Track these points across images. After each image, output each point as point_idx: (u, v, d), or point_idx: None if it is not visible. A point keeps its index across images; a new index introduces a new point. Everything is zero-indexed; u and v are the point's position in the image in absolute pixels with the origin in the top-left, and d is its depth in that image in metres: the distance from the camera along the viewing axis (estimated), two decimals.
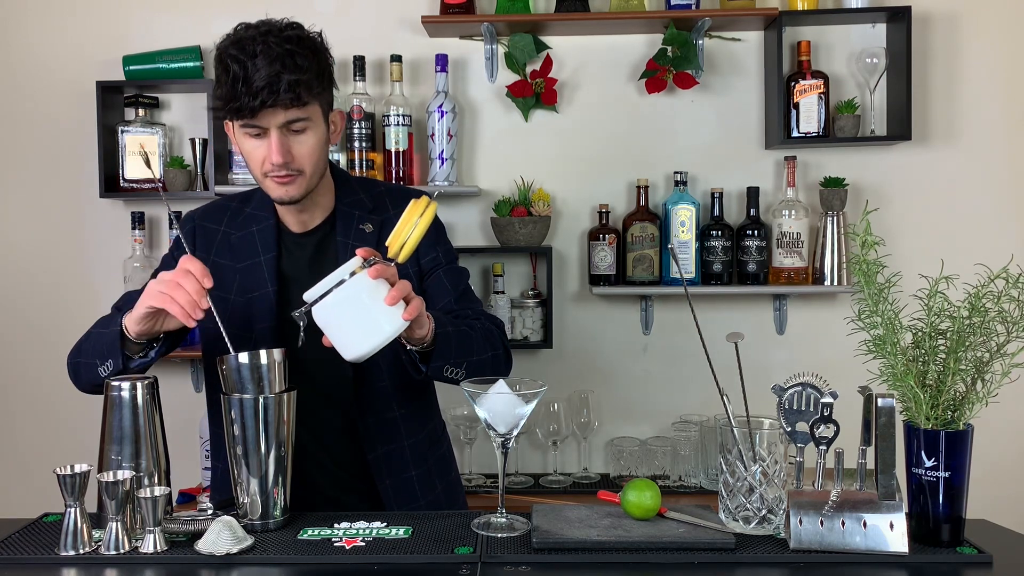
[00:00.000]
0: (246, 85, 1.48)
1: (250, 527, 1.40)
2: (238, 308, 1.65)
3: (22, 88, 2.80)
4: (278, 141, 1.54)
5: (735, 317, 2.77)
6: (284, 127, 1.54)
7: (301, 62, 1.51)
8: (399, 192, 1.77)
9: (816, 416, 1.37)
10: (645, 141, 2.78)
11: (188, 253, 1.54)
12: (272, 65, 1.48)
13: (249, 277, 1.66)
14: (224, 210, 1.74)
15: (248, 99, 1.49)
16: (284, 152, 1.54)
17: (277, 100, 1.49)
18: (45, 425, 2.84)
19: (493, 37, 2.71)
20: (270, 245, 1.67)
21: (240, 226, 1.70)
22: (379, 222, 1.69)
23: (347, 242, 1.66)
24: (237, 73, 1.49)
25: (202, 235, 1.71)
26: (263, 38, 1.51)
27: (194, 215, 1.76)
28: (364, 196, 1.72)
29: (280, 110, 1.51)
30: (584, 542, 1.32)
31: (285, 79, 1.49)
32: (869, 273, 1.35)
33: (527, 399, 1.40)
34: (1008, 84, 2.74)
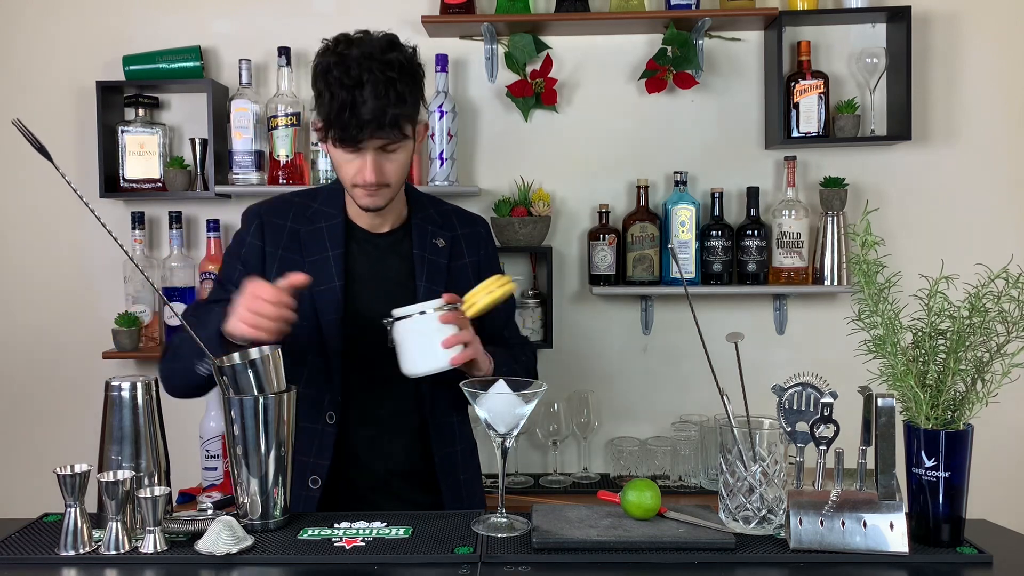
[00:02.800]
0: (353, 116, 1.55)
1: (250, 527, 1.40)
2: (305, 301, 1.69)
3: (22, 88, 2.80)
4: (373, 162, 1.61)
5: (735, 317, 2.77)
6: (380, 149, 1.61)
7: (403, 90, 1.57)
8: (464, 213, 1.89)
9: (816, 416, 1.37)
10: (645, 141, 2.78)
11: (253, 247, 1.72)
12: (379, 99, 1.54)
13: (317, 271, 1.70)
14: (289, 205, 1.79)
15: (355, 131, 1.56)
16: (379, 171, 1.62)
17: (381, 133, 1.57)
18: (45, 425, 2.84)
19: (493, 37, 2.71)
20: (339, 241, 1.73)
21: (308, 222, 1.76)
22: (450, 238, 1.80)
23: (423, 255, 1.77)
24: (344, 101, 1.55)
25: (270, 229, 1.76)
26: (367, 63, 1.56)
27: (260, 210, 1.79)
28: (433, 212, 1.83)
29: (380, 137, 1.58)
30: (584, 542, 1.32)
31: (390, 113, 1.56)
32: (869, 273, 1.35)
33: (527, 399, 1.40)
34: (1008, 84, 2.74)
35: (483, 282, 1.63)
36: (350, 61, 1.56)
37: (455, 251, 1.80)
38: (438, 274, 1.76)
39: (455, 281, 1.77)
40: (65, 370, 2.84)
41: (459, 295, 1.66)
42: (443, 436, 1.79)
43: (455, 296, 1.61)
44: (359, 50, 1.58)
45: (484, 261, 1.84)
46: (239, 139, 2.66)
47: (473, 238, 1.84)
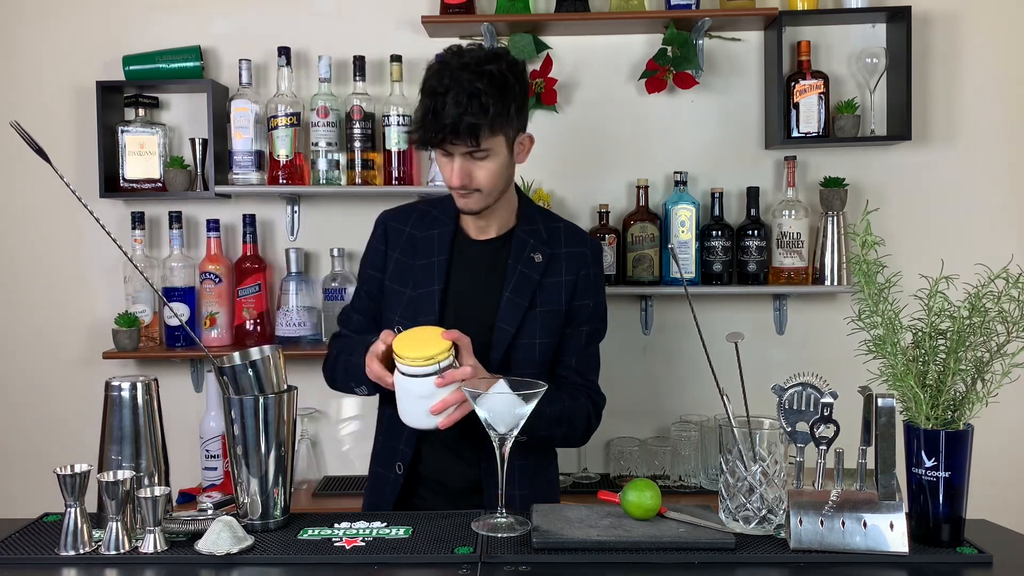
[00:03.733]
0: (435, 120, 1.64)
1: (250, 527, 1.40)
2: (408, 301, 1.81)
3: (22, 88, 2.80)
4: (460, 166, 1.69)
5: (735, 317, 2.77)
6: (467, 154, 1.68)
7: (486, 102, 1.63)
8: (577, 231, 1.91)
9: (816, 416, 1.37)
10: (645, 141, 2.78)
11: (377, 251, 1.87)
12: (458, 107, 1.62)
13: (423, 274, 1.81)
14: (412, 211, 1.90)
15: (432, 134, 1.65)
16: (464, 176, 1.69)
17: (456, 139, 1.64)
18: (45, 425, 2.84)
19: (493, 37, 2.71)
20: (445, 248, 1.83)
21: (424, 227, 1.86)
22: (549, 254, 1.83)
23: (516, 266, 1.81)
24: (428, 106, 1.65)
25: (392, 234, 1.88)
26: (459, 72, 1.64)
27: (386, 216, 1.92)
28: (542, 226, 1.86)
29: (463, 142, 1.65)
30: (584, 542, 1.32)
31: (466, 121, 1.62)
32: (869, 273, 1.35)
33: (527, 399, 1.40)
34: (1008, 84, 2.74)
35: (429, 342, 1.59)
36: (445, 70, 1.66)
37: (552, 268, 1.81)
38: (526, 287, 1.79)
39: (545, 296, 1.80)
40: (65, 370, 2.84)
41: (548, 311, 1.79)
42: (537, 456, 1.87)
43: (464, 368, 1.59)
44: (459, 60, 1.66)
45: (582, 282, 1.84)
46: (239, 139, 2.66)
47: (576, 257, 1.84)
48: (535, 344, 1.79)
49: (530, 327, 1.78)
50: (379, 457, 1.88)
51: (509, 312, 1.77)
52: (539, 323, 1.79)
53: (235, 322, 2.72)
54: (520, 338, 1.77)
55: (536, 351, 1.79)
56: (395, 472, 1.81)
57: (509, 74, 1.68)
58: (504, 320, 1.77)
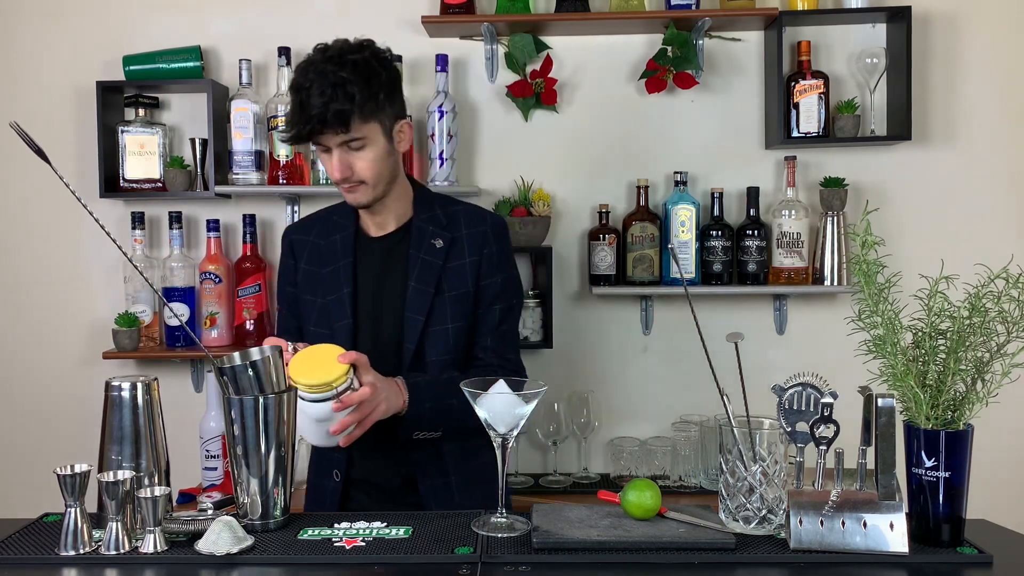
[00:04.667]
0: (302, 113, 1.67)
1: (250, 527, 1.40)
2: (321, 309, 1.82)
3: (22, 88, 2.80)
4: (338, 158, 1.71)
5: (735, 317, 2.77)
6: (343, 145, 1.70)
7: (351, 90, 1.65)
8: (477, 211, 1.90)
9: (816, 416, 1.37)
10: (645, 141, 2.78)
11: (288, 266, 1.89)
12: (323, 96, 1.64)
13: (331, 280, 1.83)
14: (315, 220, 1.93)
15: (301, 127, 1.68)
16: (344, 167, 1.72)
17: (325, 128, 1.66)
18: (45, 425, 2.84)
19: (493, 37, 2.71)
20: (348, 251, 1.84)
21: (327, 234, 1.88)
22: (450, 239, 1.83)
23: (418, 255, 1.81)
24: (295, 103, 1.68)
25: (298, 247, 1.91)
26: (323, 65, 1.66)
27: (289, 231, 1.95)
28: (440, 212, 1.86)
29: (334, 132, 1.67)
30: (584, 542, 1.32)
31: (332, 109, 1.64)
32: (869, 273, 1.35)
33: (527, 399, 1.40)
34: (1008, 84, 2.74)
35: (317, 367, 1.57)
36: (309, 65, 1.68)
37: (454, 252, 1.81)
38: (430, 274, 1.79)
39: (451, 281, 1.80)
40: (65, 370, 2.84)
41: (456, 295, 1.78)
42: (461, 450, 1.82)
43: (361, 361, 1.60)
44: (323, 54, 1.69)
45: (486, 260, 1.83)
46: (239, 139, 2.66)
47: (477, 238, 1.83)
48: (447, 330, 1.79)
49: (439, 313, 1.78)
50: (317, 467, 1.89)
51: (416, 301, 1.78)
52: (448, 308, 1.79)
53: (235, 322, 2.72)
54: (431, 325, 1.78)
55: (449, 337, 1.79)
56: (333, 480, 1.83)
57: (373, 61, 1.70)
58: (412, 309, 1.78)
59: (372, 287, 1.82)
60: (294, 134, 1.70)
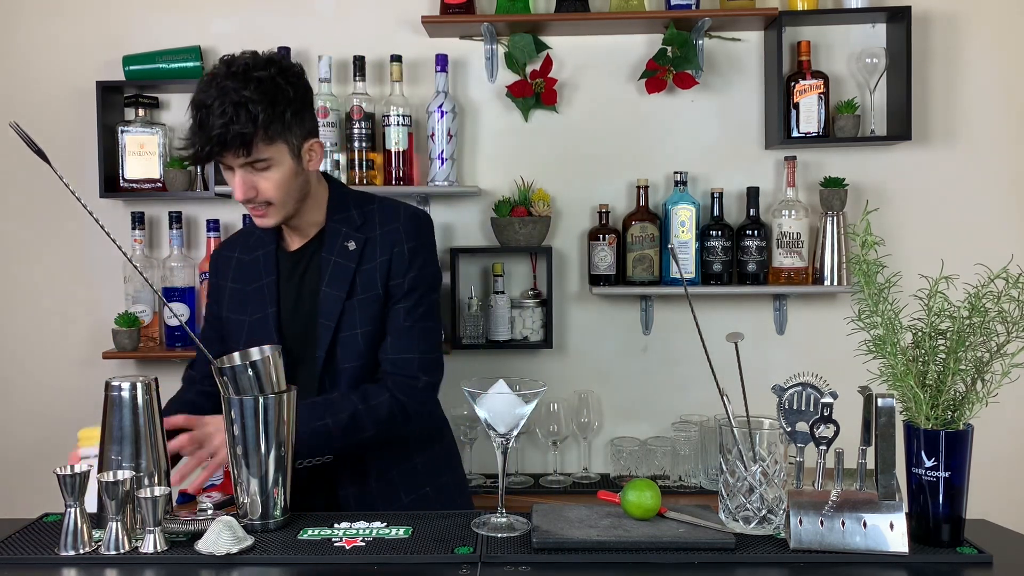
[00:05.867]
0: (202, 134, 1.58)
1: (250, 527, 1.40)
2: (249, 327, 1.77)
3: (22, 88, 2.80)
4: (241, 179, 1.64)
5: (735, 317, 2.77)
6: (246, 166, 1.63)
7: (254, 110, 1.57)
8: (392, 208, 1.79)
9: (816, 416, 1.37)
10: (645, 141, 2.78)
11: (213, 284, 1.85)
12: (223, 116, 1.56)
13: (256, 298, 1.77)
14: (239, 237, 1.88)
15: (200, 147, 1.59)
16: (247, 188, 1.64)
17: (225, 151, 1.58)
18: (45, 425, 2.84)
19: (493, 37, 2.71)
20: (270, 268, 1.78)
21: (250, 250, 1.82)
22: (363, 240, 1.74)
23: (330, 258, 1.74)
24: (194, 123, 1.59)
25: (222, 264, 1.85)
26: (225, 81, 1.57)
27: (216, 248, 1.91)
28: (355, 212, 1.77)
29: (237, 154, 1.59)
30: (584, 542, 1.32)
31: (233, 131, 1.56)
32: (869, 273, 1.35)
33: (527, 399, 1.40)
34: (1008, 84, 2.74)
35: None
36: (212, 81, 1.59)
37: (367, 253, 1.73)
38: (342, 278, 1.71)
39: (363, 283, 1.72)
40: (65, 370, 2.84)
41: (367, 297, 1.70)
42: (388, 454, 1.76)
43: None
44: (227, 69, 1.59)
45: (396, 259, 1.72)
46: None
47: (388, 236, 1.74)
48: (356, 335, 1.71)
49: (349, 318, 1.71)
50: None
51: (326, 306, 1.71)
52: (358, 312, 1.71)
53: None
54: (341, 331, 1.71)
55: (360, 341, 1.71)
56: None
57: (280, 78, 1.60)
58: (323, 315, 1.71)
59: (293, 304, 1.76)
60: (192, 154, 1.60)
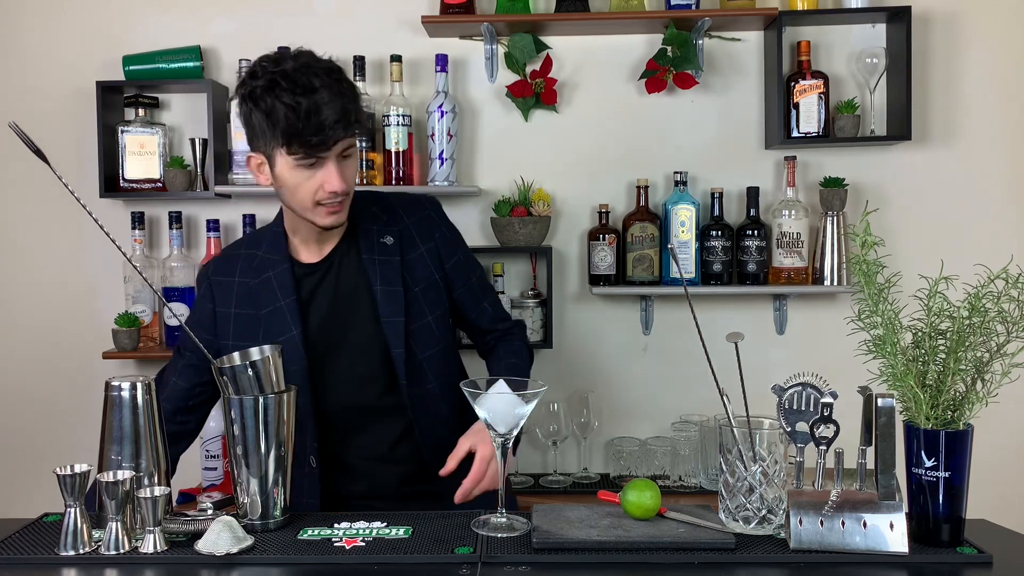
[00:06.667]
0: (318, 118, 1.52)
1: (250, 527, 1.40)
2: None
3: (22, 88, 2.80)
4: (338, 170, 1.58)
5: (735, 317, 2.77)
6: (339, 155, 1.59)
7: (354, 92, 1.58)
8: (407, 198, 1.81)
9: (816, 416, 1.37)
10: (645, 141, 2.78)
11: (205, 309, 1.72)
12: (340, 98, 1.53)
13: (273, 322, 1.69)
14: (235, 260, 1.76)
15: (327, 132, 1.53)
16: (343, 179, 1.59)
17: (349, 129, 1.55)
18: (45, 425, 2.84)
19: (493, 37, 2.71)
20: (289, 289, 1.70)
21: (255, 273, 1.73)
22: (398, 232, 1.74)
23: (373, 258, 1.71)
24: (308, 108, 1.51)
25: (219, 289, 1.74)
26: (310, 70, 1.54)
27: (207, 272, 1.78)
28: (376, 208, 1.76)
29: (345, 140, 1.57)
30: (584, 542, 1.32)
31: (352, 107, 1.55)
32: (869, 273, 1.35)
33: (527, 399, 1.40)
34: (1008, 84, 2.74)
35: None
36: (292, 72, 1.53)
37: (406, 243, 1.74)
38: (392, 273, 1.71)
39: (415, 273, 1.73)
40: (65, 370, 2.83)
41: (425, 285, 1.72)
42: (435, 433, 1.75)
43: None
44: (294, 63, 1.55)
45: (442, 244, 1.77)
46: (239, 139, 2.66)
47: (422, 225, 1.76)
48: (429, 322, 1.73)
49: (416, 308, 1.72)
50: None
51: (389, 303, 1.70)
52: (423, 301, 1.73)
53: None
54: (412, 323, 1.71)
55: (433, 328, 1.73)
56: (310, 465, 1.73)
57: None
58: (388, 313, 1.69)
59: (328, 317, 1.71)
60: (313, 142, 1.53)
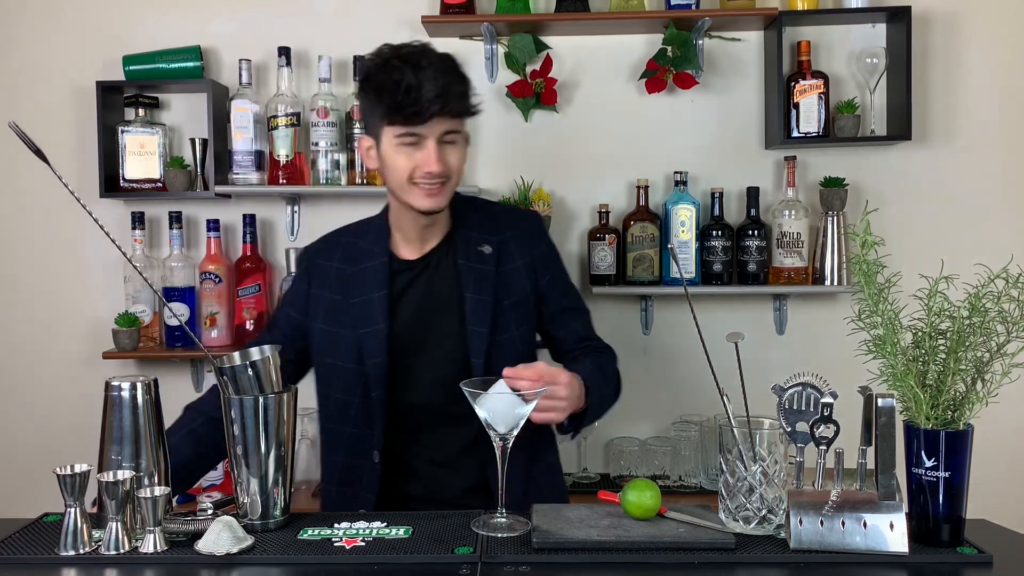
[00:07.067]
0: (418, 92, 1.57)
1: (250, 527, 1.40)
2: (350, 343, 1.72)
3: (22, 88, 2.80)
4: (436, 150, 1.62)
5: (735, 317, 2.77)
6: (441, 136, 1.63)
7: (463, 77, 1.65)
8: (510, 210, 1.87)
9: (816, 416, 1.37)
10: (645, 141, 2.78)
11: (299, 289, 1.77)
12: (444, 75, 1.59)
13: (362, 313, 1.72)
14: (336, 246, 1.81)
15: (427, 105, 1.58)
16: (442, 160, 1.63)
17: (447, 107, 1.59)
18: (45, 425, 2.84)
19: (493, 37, 2.71)
20: (382, 282, 1.73)
21: (354, 261, 1.76)
22: (496, 243, 1.75)
23: (468, 264, 1.73)
24: (412, 82, 1.57)
25: (317, 272, 1.79)
26: (425, 52, 1.62)
27: (309, 252, 1.84)
28: (479, 217, 1.79)
29: (445, 119, 1.61)
30: (584, 542, 1.32)
31: (456, 88, 1.60)
32: (869, 273, 1.35)
33: (527, 399, 1.40)
34: (1008, 84, 2.74)
35: None
36: (406, 53, 1.62)
37: (504, 255, 1.74)
38: (484, 283, 1.72)
39: (506, 287, 1.73)
40: (65, 370, 2.84)
41: (516, 300, 1.72)
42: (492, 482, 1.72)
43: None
44: (410, 48, 1.64)
45: (539, 260, 1.78)
46: (239, 139, 2.66)
47: (521, 239, 1.77)
48: (514, 337, 1.72)
49: (504, 321, 1.72)
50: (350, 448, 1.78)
51: (477, 312, 1.70)
52: (512, 315, 1.73)
53: (235, 322, 2.72)
54: (498, 335, 1.71)
55: (517, 344, 1.72)
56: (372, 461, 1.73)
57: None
58: (474, 322, 1.70)
59: (415, 316, 1.72)
60: (412, 112, 1.58)
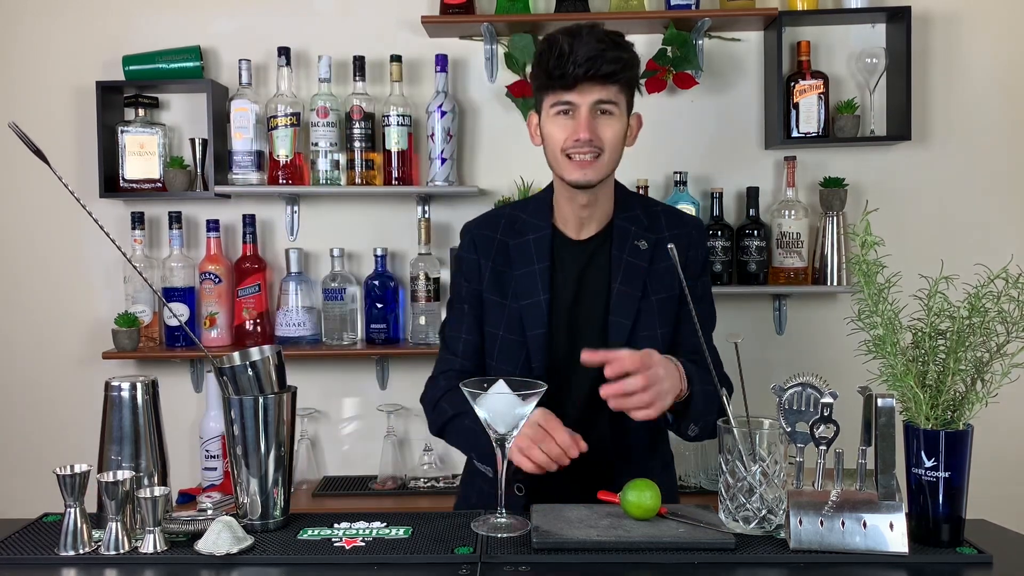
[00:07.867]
0: (572, 56, 1.60)
1: (250, 527, 1.40)
2: (513, 313, 1.73)
3: (22, 88, 2.80)
4: (587, 118, 1.63)
5: (735, 317, 2.77)
6: (594, 106, 1.64)
7: (624, 53, 1.65)
8: (676, 213, 1.84)
9: (816, 416, 1.36)
10: (645, 141, 2.75)
11: (470, 261, 1.76)
12: (599, 43, 1.61)
13: (524, 284, 1.74)
14: (499, 218, 1.82)
15: (573, 67, 1.60)
16: (592, 129, 1.63)
17: (599, 71, 1.61)
18: (45, 425, 2.84)
19: (493, 37, 2.71)
20: (544, 254, 1.74)
21: (517, 233, 1.78)
22: (654, 240, 1.75)
23: (622, 256, 1.73)
24: (564, 48, 1.61)
25: (481, 243, 1.79)
26: (589, 28, 1.65)
27: (470, 226, 1.84)
28: (641, 212, 1.79)
29: (596, 86, 1.62)
30: (584, 542, 1.32)
31: (609, 54, 1.61)
32: (869, 273, 1.35)
33: (527, 399, 1.40)
34: (1008, 84, 2.74)
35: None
36: (573, 27, 1.65)
37: (659, 253, 1.73)
38: (635, 277, 1.71)
39: (657, 284, 1.72)
40: (65, 370, 2.84)
41: (663, 298, 1.71)
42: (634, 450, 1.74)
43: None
44: (580, 24, 1.67)
45: (691, 262, 1.76)
46: (239, 139, 2.66)
47: (680, 240, 1.72)
48: (656, 335, 1.70)
49: (647, 318, 1.71)
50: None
51: (621, 304, 1.70)
52: (656, 313, 1.71)
53: (235, 322, 2.72)
54: (639, 330, 1.69)
55: (659, 342, 1.69)
56: (515, 496, 1.72)
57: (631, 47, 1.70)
58: (617, 313, 1.69)
59: (571, 294, 1.73)
60: (557, 74, 1.61)
